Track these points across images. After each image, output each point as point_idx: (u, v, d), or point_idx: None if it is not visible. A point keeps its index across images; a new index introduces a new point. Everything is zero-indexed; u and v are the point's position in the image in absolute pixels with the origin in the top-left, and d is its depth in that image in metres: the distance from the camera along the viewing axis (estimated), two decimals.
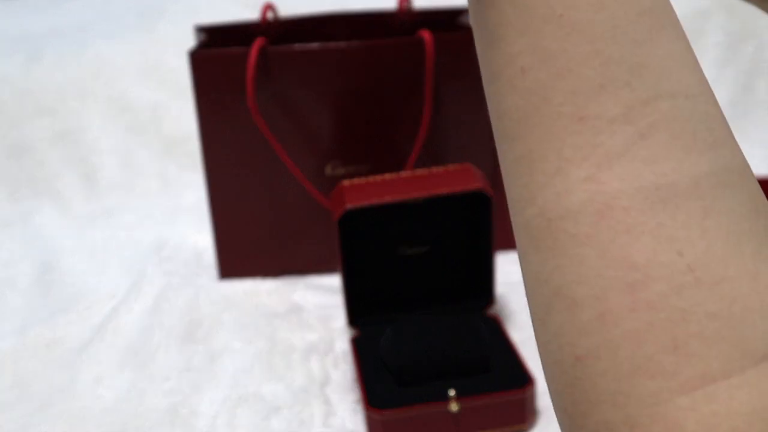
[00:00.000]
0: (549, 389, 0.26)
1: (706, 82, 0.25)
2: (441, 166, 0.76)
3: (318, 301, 0.87)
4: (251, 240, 0.90)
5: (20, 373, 0.78)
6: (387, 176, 0.75)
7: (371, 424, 0.65)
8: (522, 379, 0.66)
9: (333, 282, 0.90)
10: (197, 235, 0.99)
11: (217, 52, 0.81)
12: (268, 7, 0.91)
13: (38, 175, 1.13)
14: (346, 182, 0.75)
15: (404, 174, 0.75)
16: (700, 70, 0.25)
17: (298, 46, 0.81)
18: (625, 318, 0.23)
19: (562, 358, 0.24)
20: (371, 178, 0.75)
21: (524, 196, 0.25)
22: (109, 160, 1.15)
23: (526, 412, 0.65)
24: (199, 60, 0.81)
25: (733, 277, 0.23)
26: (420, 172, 0.75)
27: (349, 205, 0.71)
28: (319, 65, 0.82)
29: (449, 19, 0.95)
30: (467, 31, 0.89)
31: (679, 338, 0.22)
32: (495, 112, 0.27)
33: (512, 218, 0.27)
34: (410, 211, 0.78)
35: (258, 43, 0.80)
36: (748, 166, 0.26)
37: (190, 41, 0.87)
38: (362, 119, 0.85)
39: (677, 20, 0.25)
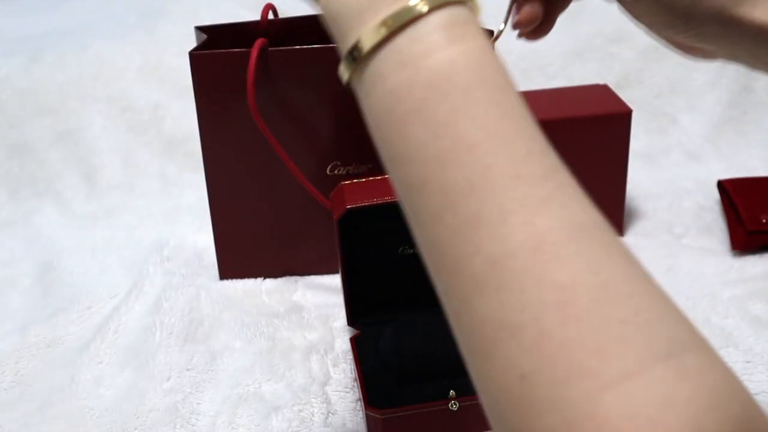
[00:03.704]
0: (492, 422, 0.30)
1: None
2: None
3: (318, 301, 0.87)
4: (251, 240, 0.90)
5: (21, 372, 0.78)
6: (387, 176, 0.75)
7: (371, 423, 0.65)
8: None
9: (333, 282, 0.90)
10: (197, 234, 0.99)
11: (218, 53, 0.81)
12: (269, 7, 0.91)
13: (39, 175, 1.13)
14: (346, 182, 0.75)
15: None
16: None
17: (298, 47, 0.82)
18: (558, 331, 0.27)
19: (506, 382, 0.28)
20: (371, 178, 0.75)
21: (469, 250, 0.30)
22: (109, 160, 1.15)
23: None
24: (199, 60, 0.81)
25: (636, 292, 0.28)
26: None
27: (349, 205, 0.71)
28: (319, 65, 0.82)
29: None
30: None
31: (601, 343, 0.26)
32: (430, 189, 0.31)
33: (449, 279, 0.31)
34: None
35: (258, 43, 0.80)
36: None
37: (191, 41, 0.87)
38: (362, 119, 0.85)
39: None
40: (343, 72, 0.37)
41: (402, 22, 0.33)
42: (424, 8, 0.32)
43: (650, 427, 0.24)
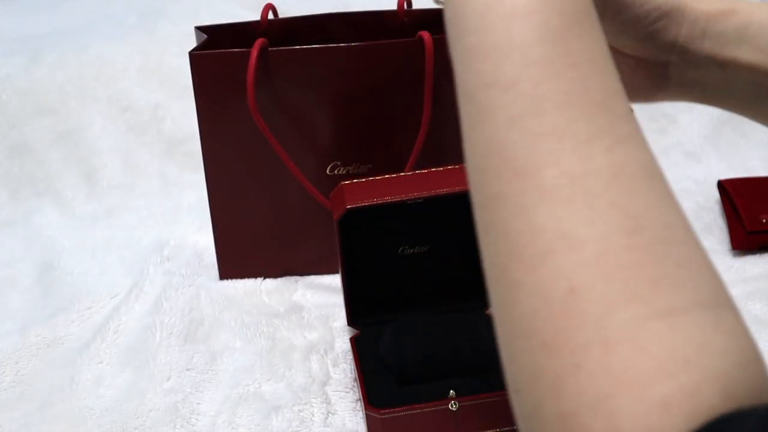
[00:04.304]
0: (516, 333, 0.30)
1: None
2: (441, 166, 0.76)
3: (318, 301, 0.87)
4: (251, 240, 0.90)
5: (21, 372, 0.78)
6: (387, 176, 0.75)
7: (371, 423, 0.65)
8: None
9: (333, 282, 0.90)
10: (198, 234, 0.99)
11: (218, 53, 0.81)
12: (269, 7, 0.91)
13: (39, 175, 1.13)
14: (346, 182, 0.75)
15: (404, 174, 0.75)
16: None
17: (298, 47, 0.82)
18: (621, 254, 0.28)
19: (552, 293, 0.28)
20: (371, 178, 0.75)
21: (547, 159, 0.30)
22: (109, 160, 1.15)
23: None
24: (199, 60, 0.81)
25: (690, 243, 0.29)
26: (420, 172, 0.75)
27: (349, 205, 0.71)
28: (319, 65, 0.82)
29: None
30: None
31: (658, 275, 0.27)
32: (525, 90, 0.31)
33: (511, 182, 0.31)
34: (410, 211, 0.78)
35: (258, 43, 0.80)
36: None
37: (191, 41, 0.87)
38: (362, 119, 0.85)
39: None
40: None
41: None
42: None
43: (684, 366, 0.25)
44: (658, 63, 0.50)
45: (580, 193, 0.29)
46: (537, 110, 0.31)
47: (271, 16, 0.92)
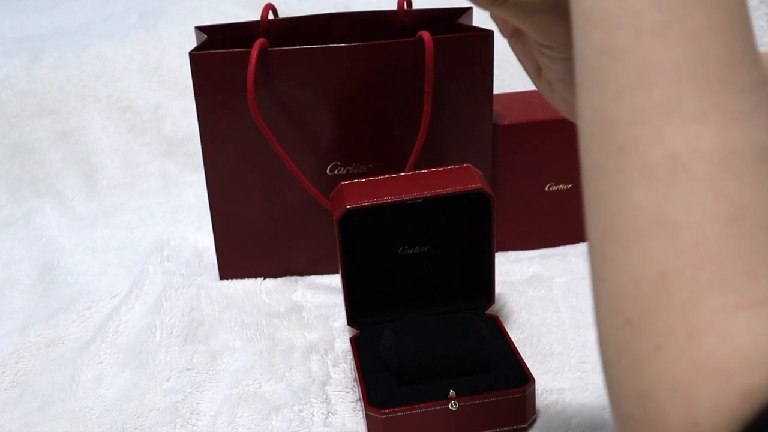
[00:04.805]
0: (602, 310, 0.30)
1: None
2: (441, 166, 0.76)
3: (318, 301, 0.87)
4: (251, 240, 0.90)
5: (21, 372, 0.78)
6: (387, 176, 0.75)
7: (371, 423, 0.65)
8: (521, 378, 0.66)
9: (333, 282, 0.90)
10: (198, 234, 0.99)
11: (218, 53, 0.81)
12: (269, 7, 0.91)
13: (39, 175, 1.14)
14: (346, 182, 0.75)
15: (404, 174, 0.76)
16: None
17: (298, 47, 0.82)
18: (718, 241, 0.27)
19: (642, 275, 0.28)
20: (371, 178, 0.75)
21: (652, 136, 0.29)
22: (109, 160, 1.15)
23: (526, 412, 0.65)
24: (199, 60, 0.81)
25: None
26: (420, 172, 0.75)
27: (349, 205, 0.71)
28: (319, 65, 0.82)
29: (449, 19, 0.95)
30: (467, 31, 0.89)
31: (755, 265, 0.26)
32: (635, 61, 0.30)
33: (613, 159, 0.30)
34: (410, 211, 0.78)
35: (258, 43, 0.80)
36: None
37: (191, 41, 0.87)
38: (362, 119, 0.85)
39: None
40: None
41: None
42: None
43: None
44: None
45: (682, 175, 0.28)
46: (645, 83, 0.29)
47: (271, 16, 0.92)
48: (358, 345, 0.74)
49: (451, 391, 0.64)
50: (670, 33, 0.30)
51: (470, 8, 0.94)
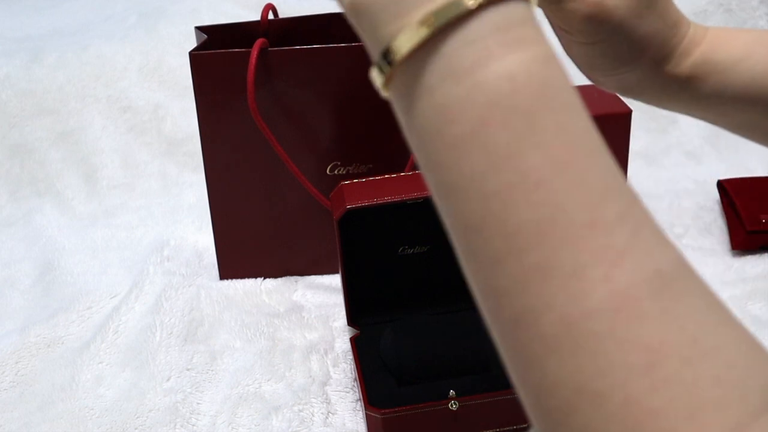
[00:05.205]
0: None
1: None
2: None
3: (318, 301, 0.87)
4: (251, 240, 0.90)
5: (21, 372, 0.78)
6: (387, 176, 0.75)
7: (371, 422, 0.65)
8: None
9: (333, 282, 0.90)
10: (198, 234, 0.99)
11: (218, 53, 0.81)
12: (269, 7, 0.91)
13: (39, 175, 1.13)
14: (346, 182, 0.75)
15: (404, 174, 0.76)
16: None
17: (298, 47, 0.82)
18: (647, 398, 0.24)
19: None
20: (371, 178, 0.75)
21: (537, 305, 0.26)
22: (109, 160, 1.15)
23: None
24: (199, 60, 0.81)
25: (723, 343, 0.25)
26: (420, 172, 0.75)
27: (349, 205, 0.71)
28: (319, 65, 0.82)
29: None
30: None
31: (695, 408, 0.24)
32: (490, 230, 0.27)
33: (513, 333, 0.28)
34: (410, 211, 0.78)
35: (258, 43, 0.80)
36: None
37: (191, 41, 0.87)
38: (362, 119, 0.85)
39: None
40: (376, 77, 0.31)
41: (447, 20, 0.27)
42: (474, 3, 0.27)
43: None
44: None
45: (581, 340, 0.26)
46: (515, 248, 0.27)
47: (271, 16, 0.92)
48: (358, 345, 0.74)
49: (451, 391, 0.64)
50: (518, 192, 0.27)
51: None
